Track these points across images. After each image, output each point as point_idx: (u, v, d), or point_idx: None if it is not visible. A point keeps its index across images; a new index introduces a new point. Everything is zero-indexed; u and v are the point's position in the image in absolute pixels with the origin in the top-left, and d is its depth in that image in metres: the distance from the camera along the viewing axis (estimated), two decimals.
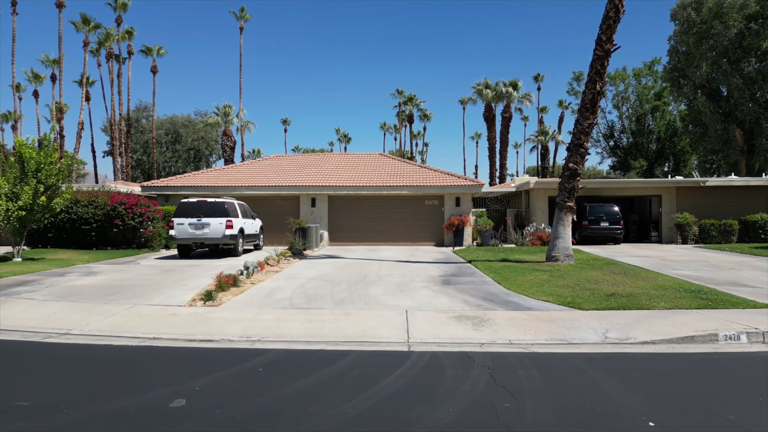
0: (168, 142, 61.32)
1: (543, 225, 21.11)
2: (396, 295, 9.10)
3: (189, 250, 16.50)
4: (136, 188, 22.48)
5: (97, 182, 43.91)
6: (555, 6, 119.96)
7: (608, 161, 57.67)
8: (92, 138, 58.25)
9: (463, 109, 79.49)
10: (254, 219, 18.58)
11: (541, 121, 69.35)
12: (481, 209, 24.11)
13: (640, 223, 24.54)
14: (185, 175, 22.79)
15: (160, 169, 57.93)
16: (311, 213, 21.42)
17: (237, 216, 16.58)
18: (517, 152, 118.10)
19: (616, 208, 21.57)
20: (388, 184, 21.07)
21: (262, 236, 19.61)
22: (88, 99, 58.57)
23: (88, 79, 57.93)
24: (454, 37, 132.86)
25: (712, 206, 22.45)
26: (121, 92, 54.35)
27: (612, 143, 53.95)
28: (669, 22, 41.76)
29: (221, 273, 9.58)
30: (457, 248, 19.37)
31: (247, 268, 11.52)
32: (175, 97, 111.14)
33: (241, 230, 16.70)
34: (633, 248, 19.74)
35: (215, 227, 15.70)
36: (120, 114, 53.49)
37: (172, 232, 15.80)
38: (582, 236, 21.29)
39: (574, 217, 13.50)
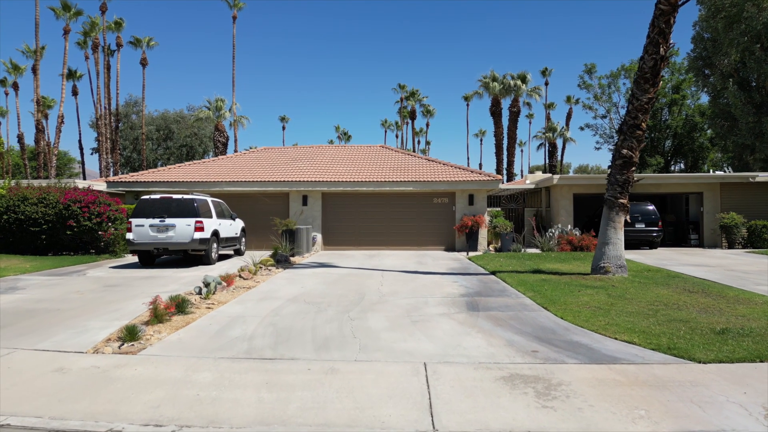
0: (159, 138, 58.67)
1: (570, 226, 18.32)
2: (406, 331, 6.30)
3: (152, 257, 13.74)
4: (102, 185, 19.70)
5: (84, 179, 41.12)
6: (559, 4, 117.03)
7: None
8: (80, 134, 55.79)
9: (467, 105, 76.97)
10: (234, 220, 15.81)
11: (548, 118, 66.80)
12: (495, 208, 21.34)
13: (676, 224, 21.74)
14: (159, 169, 20.03)
15: (151, 166, 55.19)
16: (301, 213, 18.60)
17: (210, 216, 13.81)
18: (522, 150, 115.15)
19: (653, 207, 18.78)
20: (390, 180, 18.30)
21: (243, 240, 16.82)
22: (75, 93, 56.11)
23: (75, 72, 55.52)
24: (456, 35, 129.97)
25: (759, 205, 19.66)
26: (110, 86, 51.80)
27: None
28: (693, 7, 39.06)
29: (157, 297, 6.78)
30: (471, 254, 16.57)
31: (207, 284, 8.75)
32: (168, 92, 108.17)
33: (216, 233, 13.93)
34: (676, 253, 16.94)
35: (182, 230, 12.93)
36: (108, 109, 50.94)
37: (129, 236, 13.03)
38: None
39: (628, 217, 10.73)
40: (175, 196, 13.32)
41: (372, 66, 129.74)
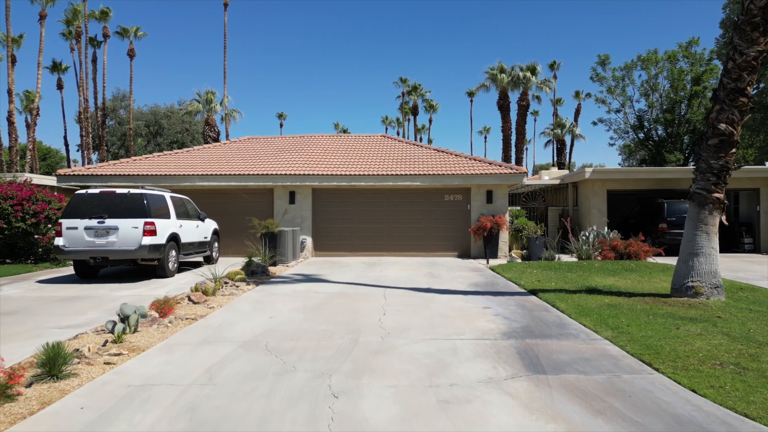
0: (149, 134, 55.89)
1: (605, 228, 15.43)
2: (433, 430, 3.39)
3: (92, 268, 10.86)
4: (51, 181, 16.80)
5: None
6: (565, 2, 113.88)
7: (618, 155, 51.81)
8: (65, 130, 53.19)
9: (471, 101, 73.95)
10: (203, 221, 12.93)
11: (555, 114, 64.14)
12: (514, 207, 18.44)
13: (724, 225, 18.81)
14: (123, 160, 17.14)
15: None
16: (284, 212, 15.67)
17: (167, 216, 10.95)
18: (526, 149, 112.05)
19: None
20: (394, 173, 15.40)
21: (216, 245, 13.93)
22: (60, 87, 53.56)
23: (60, 64, 53.06)
24: (458, 32, 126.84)
25: None
26: (97, 80, 49.21)
27: (642, 135, 48.13)
28: None
29: None
30: (493, 263, 13.67)
31: (124, 318, 5.87)
32: (159, 87, 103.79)
33: (174, 238, 11.05)
34: (738, 261, 14.03)
35: (127, 233, 10.05)
36: (95, 103, 48.34)
37: (58, 241, 10.14)
38: (657, 243, 15.56)
39: (724, 218, 7.84)
40: (119, 191, 10.44)
41: (372, 63, 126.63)
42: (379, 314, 6.99)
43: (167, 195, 11.41)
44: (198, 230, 12.52)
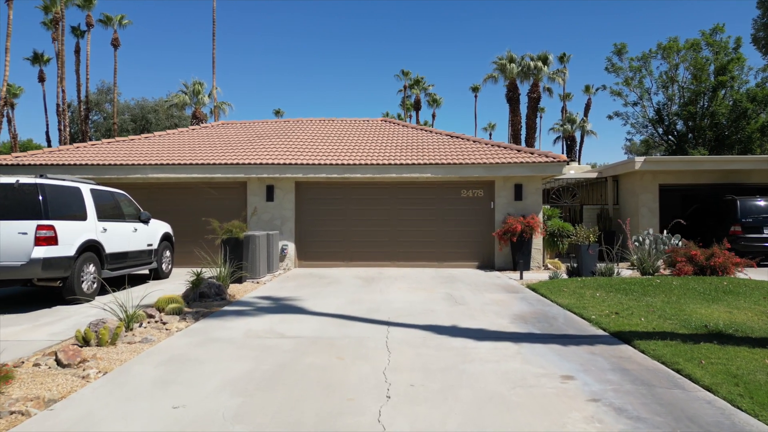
0: (136, 129, 52.73)
1: (665, 233, 12.24)
2: None
3: None
4: None
5: None
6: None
7: (624, 154, 48.61)
8: (47, 125, 50.15)
9: (475, 97, 70.70)
10: (145, 223, 9.77)
11: (564, 109, 60.99)
12: (544, 206, 15.24)
13: None
14: (61, 147, 13.96)
15: None
16: (254, 211, 12.38)
17: (82, 216, 7.80)
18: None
19: None
20: (398, 163, 12.22)
21: (168, 253, 10.78)
22: (42, 79, 50.64)
23: (42, 55, 50.15)
24: (459, 33, 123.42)
25: None
26: (80, 71, 46.22)
27: (661, 130, 44.87)
28: None
29: None
30: (528, 277, 10.45)
31: None
32: (150, 82, 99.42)
33: (94, 247, 7.88)
34: None
35: (10, 242, 6.89)
36: (78, 96, 45.31)
37: None
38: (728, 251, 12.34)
39: None
40: (3, 180, 7.26)
41: (372, 62, 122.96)
42: (378, 398, 3.80)
43: (85, 187, 8.23)
44: (136, 236, 9.35)
